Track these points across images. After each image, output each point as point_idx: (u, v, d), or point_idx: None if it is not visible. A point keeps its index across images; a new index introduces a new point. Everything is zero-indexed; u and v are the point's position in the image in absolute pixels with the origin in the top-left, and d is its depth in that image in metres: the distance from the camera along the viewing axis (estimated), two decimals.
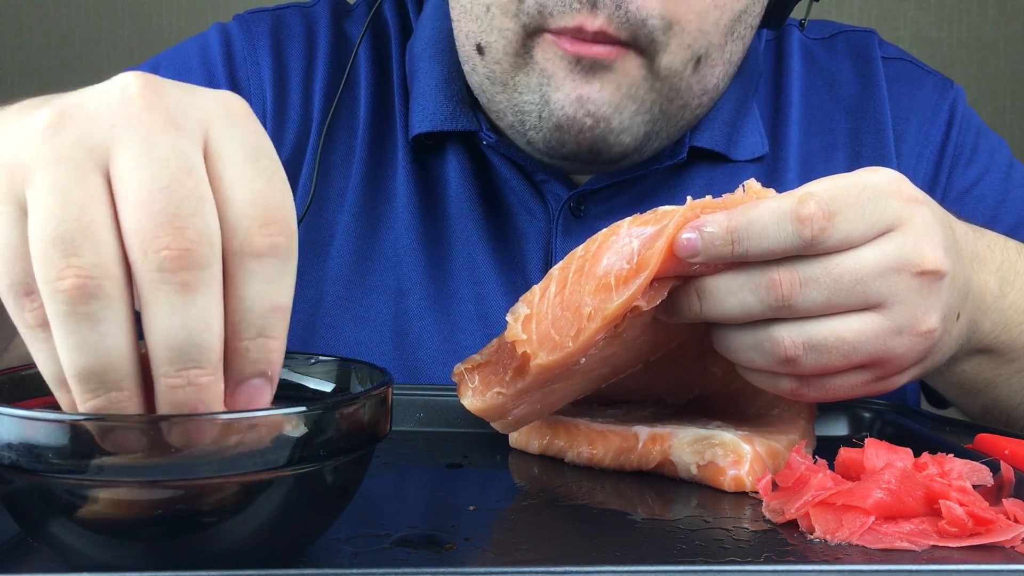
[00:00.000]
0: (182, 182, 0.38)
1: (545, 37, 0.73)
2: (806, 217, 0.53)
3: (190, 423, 0.39)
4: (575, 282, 0.56)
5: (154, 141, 0.38)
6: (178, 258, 0.37)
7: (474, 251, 0.86)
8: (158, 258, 0.37)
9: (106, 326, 0.38)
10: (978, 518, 0.48)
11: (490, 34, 0.76)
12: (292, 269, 0.40)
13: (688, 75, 0.75)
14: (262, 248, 0.39)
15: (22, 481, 0.40)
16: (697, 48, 0.74)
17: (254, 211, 0.39)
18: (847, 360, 0.55)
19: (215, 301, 0.38)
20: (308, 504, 0.43)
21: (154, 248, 0.37)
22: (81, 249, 0.37)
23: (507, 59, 0.75)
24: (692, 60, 0.74)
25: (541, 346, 0.56)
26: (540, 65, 0.74)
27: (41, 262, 0.37)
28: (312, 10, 0.95)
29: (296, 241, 0.40)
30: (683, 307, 0.56)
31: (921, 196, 0.57)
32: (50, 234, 0.37)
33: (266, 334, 0.40)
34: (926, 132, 0.91)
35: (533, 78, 0.75)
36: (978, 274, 0.64)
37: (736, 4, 0.75)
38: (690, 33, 0.73)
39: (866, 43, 0.94)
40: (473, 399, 0.59)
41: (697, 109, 0.80)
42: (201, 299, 0.38)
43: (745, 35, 0.78)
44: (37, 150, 0.39)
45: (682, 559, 0.47)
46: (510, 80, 0.76)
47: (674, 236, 0.54)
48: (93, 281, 0.37)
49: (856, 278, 0.54)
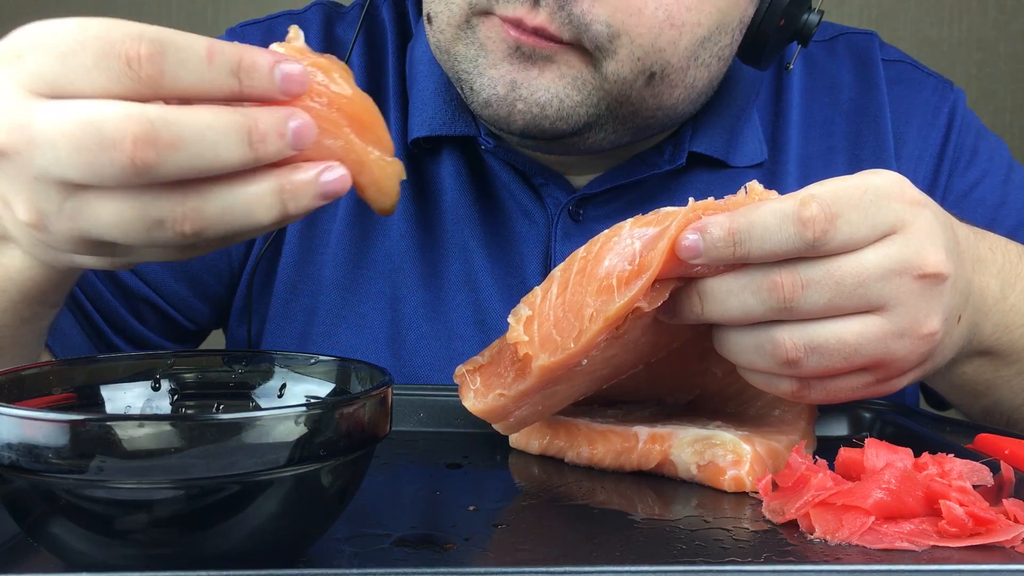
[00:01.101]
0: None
1: (492, 18, 0.73)
2: (808, 219, 0.52)
3: (193, 423, 0.39)
4: (577, 283, 0.56)
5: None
6: (135, 148, 0.43)
7: (470, 256, 0.86)
8: (135, 165, 0.43)
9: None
10: (978, 518, 0.48)
11: (437, 4, 0.76)
12: (172, 38, 0.44)
13: (640, 87, 0.74)
14: (153, 69, 0.43)
15: (22, 481, 0.40)
16: (649, 63, 0.73)
17: (110, 66, 0.44)
18: (848, 362, 0.55)
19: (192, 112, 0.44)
20: (308, 504, 0.43)
21: (125, 166, 0.44)
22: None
23: (449, 29, 0.76)
24: (643, 74, 0.73)
25: (543, 348, 0.56)
26: (481, 40, 0.74)
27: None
28: (303, 16, 0.94)
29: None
30: (685, 308, 0.56)
31: (923, 199, 0.57)
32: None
33: (232, 67, 0.44)
34: (926, 135, 0.91)
35: (471, 49, 0.75)
36: (979, 276, 0.64)
37: (697, 29, 0.74)
38: (641, 47, 0.72)
39: (867, 45, 0.94)
40: (475, 401, 0.59)
41: (650, 120, 0.78)
42: (186, 124, 0.43)
43: (711, 64, 0.77)
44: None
45: (682, 559, 0.47)
46: (451, 48, 0.76)
47: (676, 237, 0.54)
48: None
49: (858, 281, 0.54)
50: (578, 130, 0.76)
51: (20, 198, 0.47)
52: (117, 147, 0.43)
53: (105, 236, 0.46)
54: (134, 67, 0.43)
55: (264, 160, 0.45)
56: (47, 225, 0.47)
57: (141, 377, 0.52)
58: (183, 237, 0.46)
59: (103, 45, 0.44)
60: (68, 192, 0.45)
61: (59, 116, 0.44)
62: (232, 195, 0.45)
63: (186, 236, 0.45)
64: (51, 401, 0.49)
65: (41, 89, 0.45)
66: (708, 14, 0.74)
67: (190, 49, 0.44)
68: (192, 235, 0.45)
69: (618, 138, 0.79)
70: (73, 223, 0.46)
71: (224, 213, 0.45)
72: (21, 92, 0.45)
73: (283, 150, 0.45)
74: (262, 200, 0.46)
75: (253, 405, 0.53)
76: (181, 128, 0.43)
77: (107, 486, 0.39)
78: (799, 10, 0.79)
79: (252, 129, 0.44)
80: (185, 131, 0.43)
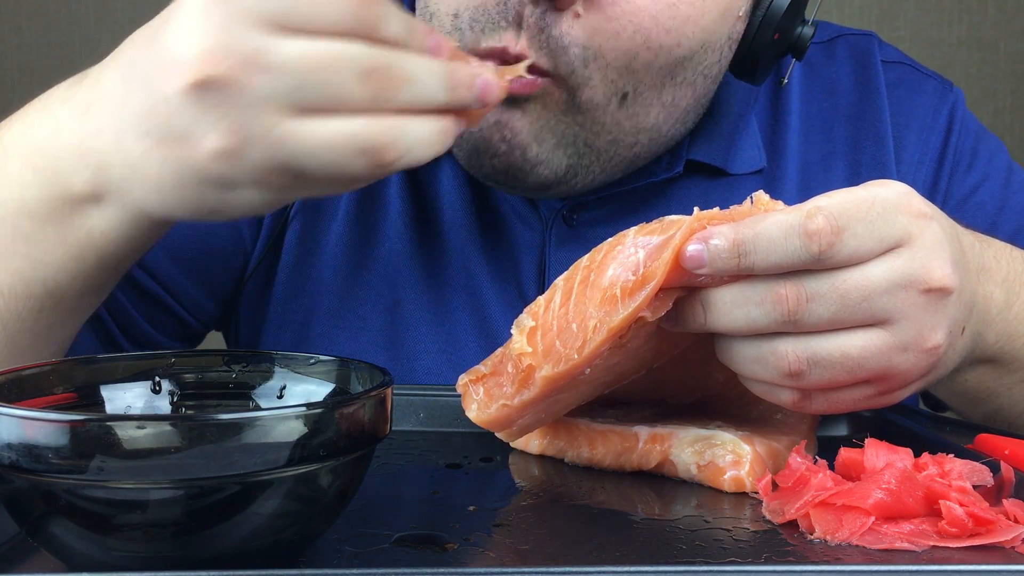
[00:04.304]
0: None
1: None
2: (814, 232, 0.52)
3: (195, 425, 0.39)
4: (580, 293, 0.55)
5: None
6: (382, 75, 0.51)
7: (468, 260, 0.85)
8: (380, 90, 0.51)
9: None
10: (978, 518, 0.48)
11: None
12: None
13: (613, 110, 0.73)
14: (374, 15, 0.51)
15: (22, 481, 0.40)
16: (621, 85, 0.72)
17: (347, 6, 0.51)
18: (851, 376, 0.55)
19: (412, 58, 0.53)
20: (308, 504, 0.43)
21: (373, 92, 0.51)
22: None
23: None
24: (616, 95, 0.73)
25: (546, 358, 0.55)
26: None
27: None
28: None
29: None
30: (688, 318, 0.56)
31: (930, 210, 0.56)
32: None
33: (412, 29, 0.52)
34: (926, 138, 0.90)
35: None
36: (983, 286, 0.64)
37: (676, 50, 0.72)
38: (615, 69, 0.71)
39: (866, 47, 0.94)
40: (478, 412, 0.59)
41: (635, 147, 0.77)
42: (411, 65, 0.52)
43: (695, 82, 0.76)
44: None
45: (682, 559, 0.47)
46: None
47: (680, 247, 0.53)
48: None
49: (863, 295, 0.53)
50: (562, 177, 0.75)
51: (221, 124, 0.50)
52: (365, 78, 0.50)
53: (309, 162, 0.51)
54: (363, 11, 0.50)
55: (453, 105, 0.53)
56: (243, 153, 0.50)
57: (141, 377, 0.52)
58: (379, 166, 0.51)
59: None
60: (288, 118, 0.50)
61: (305, 48, 0.49)
62: (423, 126, 0.52)
63: (383, 164, 0.51)
64: (51, 401, 0.49)
65: (272, 23, 0.49)
66: (690, 35, 0.72)
67: (391, 4, 0.52)
68: (390, 162, 0.51)
69: (609, 176, 0.79)
70: (279, 150, 0.50)
71: (419, 142, 0.52)
72: (244, 24, 0.49)
73: (468, 100, 0.53)
74: (444, 133, 0.53)
75: (253, 405, 0.53)
76: (409, 68, 0.51)
77: (107, 486, 0.39)
78: (792, 23, 0.78)
79: (451, 76, 0.52)
80: (412, 71, 0.51)
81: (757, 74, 0.80)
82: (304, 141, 0.50)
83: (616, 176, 0.80)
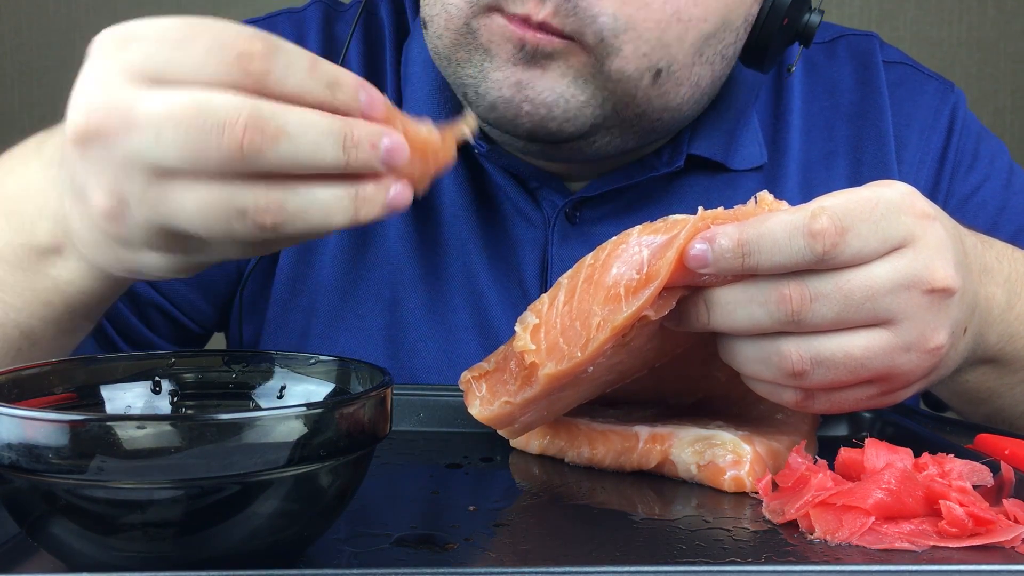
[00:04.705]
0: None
1: (494, 17, 0.72)
2: (818, 232, 0.52)
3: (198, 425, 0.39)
4: (584, 291, 0.56)
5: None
6: (245, 132, 0.45)
7: (469, 259, 0.85)
8: (243, 149, 0.45)
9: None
10: (978, 518, 0.48)
11: (433, 8, 0.75)
12: (283, 45, 0.47)
13: (646, 86, 0.73)
14: (261, 67, 0.46)
15: (22, 481, 0.40)
16: (656, 59, 0.72)
17: (222, 60, 0.46)
18: (854, 376, 0.55)
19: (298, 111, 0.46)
20: (308, 504, 0.43)
21: (233, 149, 0.45)
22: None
23: (448, 35, 0.74)
24: (649, 71, 0.72)
25: (549, 356, 0.56)
26: (483, 44, 0.73)
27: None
28: (302, 15, 0.94)
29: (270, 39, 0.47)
30: (691, 317, 0.56)
31: (933, 211, 0.56)
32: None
33: (329, 81, 0.47)
34: (927, 138, 0.90)
35: (474, 55, 0.74)
36: (986, 287, 0.64)
37: (703, 25, 0.73)
38: (647, 42, 0.71)
39: (867, 48, 0.94)
40: (481, 408, 0.60)
41: (656, 123, 0.77)
42: (292, 120, 0.46)
43: (715, 61, 0.76)
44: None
45: (682, 559, 0.47)
46: (452, 55, 0.75)
47: (684, 247, 0.53)
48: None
49: (867, 295, 0.53)
50: (584, 133, 0.75)
51: (101, 182, 0.48)
52: (227, 131, 0.45)
53: (186, 224, 0.48)
54: (244, 62, 0.46)
55: (353, 167, 0.47)
56: (125, 214, 0.48)
57: (141, 377, 0.52)
58: (261, 230, 0.47)
59: (215, 37, 0.46)
60: (156, 177, 0.47)
61: (168, 100, 0.46)
62: (313, 194, 0.47)
63: (264, 229, 0.47)
64: (51, 401, 0.49)
65: (145, 77, 0.47)
66: (714, 10, 0.73)
67: (296, 54, 0.47)
68: (271, 228, 0.47)
69: (624, 143, 0.78)
70: (154, 211, 0.47)
71: (304, 210, 0.47)
72: (122, 78, 0.47)
73: (372, 161, 0.48)
74: (340, 203, 0.48)
75: (253, 405, 0.53)
76: (288, 121, 0.46)
77: (107, 486, 0.39)
78: (801, 10, 0.79)
79: (348, 135, 0.47)
80: (291, 125, 0.46)
81: (765, 62, 0.81)
82: (176, 203, 0.47)
83: (628, 145, 0.79)
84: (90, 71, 0.48)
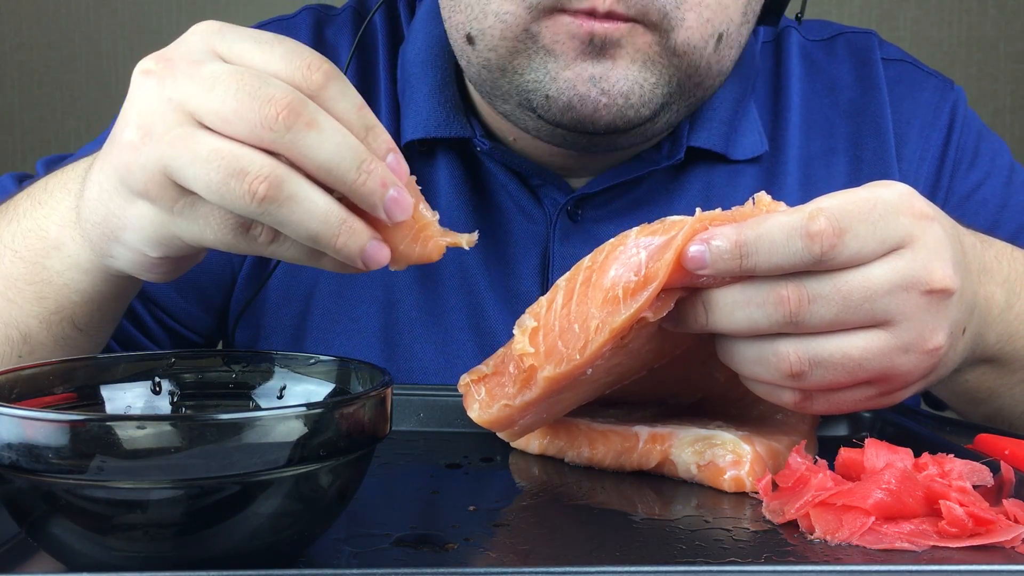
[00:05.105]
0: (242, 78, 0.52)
1: (557, 18, 0.71)
2: (816, 233, 0.52)
3: (195, 425, 0.39)
4: (582, 294, 0.55)
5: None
6: (287, 109, 0.50)
7: (465, 259, 0.85)
8: (278, 121, 0.50)
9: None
10: (978, 518, 0.48)
11: (483, 21, 0.74)
12: (347, 81, 0.54)
13: (709, 53, 0.74)
14: (321, 81, 0.52)
15: (22, 481, 0.40)
16: (718, 24, 0.73)
17: (292, 62, 0.52)
18: (852, 376, 0.55)
19: (335, 121, 0.52)
20: (308, 504, 0.43)
21: (270, 118, 0.50)
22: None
23: (504, 44, 0.74)
24: (713, 36, 0.73)
25: (548, 359, 0.56)
26: (547, 46, 0.72)
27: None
28: (293, 22, 0.94)
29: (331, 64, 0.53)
30: (689, 319, 0.56)
31: (932, 211, 0.56)
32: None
33: (368, 124, 0.53)
34: (927, 136, 0.90)
35: (536, 60, 0.73)
36: (985, 287, 0.64)
37: None
38: (708, 7, 0.72)
39: (866, 45, 0.94)
40: (480, 412, 0.60)
41: (708, 90, 0.78)
42: (327, 122, 0.51)
43: (751, 20, 0.78)
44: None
45: (682, 559, 0.47)
46: (508, 64, 0.75)
47: (682, 248, 0.53)
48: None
49: (865, 296, 0.53)
50: (654, 115, 0.75)
51: (143, 109, 0.54)
52: (271, 103, 0.50)
53: (188, 170, 0.52)
54: (309, 71, 0.52)
55: (358, 193, 0.52)
56: (143, 144, 0.53)
57: (141, 377, 0.52)
58: (251, 198, 0.51)
59: (295, 45, 0.54)
60: (188, 122, 0.52)
61: (235, 69, 0.52)
62: (312, 192, 0.52)
63: (254, 198, 0.51)
64: (51, 401, 0.49)
65: (218, 54, 0.54)
66: None
67: (352, 90, 0.54)
68: (259, 200, 0.51)
69: (677, 117, 0.79)
70: (170, 148, 0.52)
71: (295, 199, 0.51)
72: (202, 45, 0.54)
73: (375, 197, 0.52)
74: (328, 215, 0.52)
75: (253, 405, 0.53)
76: (323, 121, 0.51)
77: (107, 486, 0.39)
78: None
79: (368, 161, 0.52)
80: (325, 125, 0.51)
81: (772, 15, 0.83)
82: (191, 148, 0.51)
83: (678, 119, 0.81)
84: (181, 38, 0.55)
